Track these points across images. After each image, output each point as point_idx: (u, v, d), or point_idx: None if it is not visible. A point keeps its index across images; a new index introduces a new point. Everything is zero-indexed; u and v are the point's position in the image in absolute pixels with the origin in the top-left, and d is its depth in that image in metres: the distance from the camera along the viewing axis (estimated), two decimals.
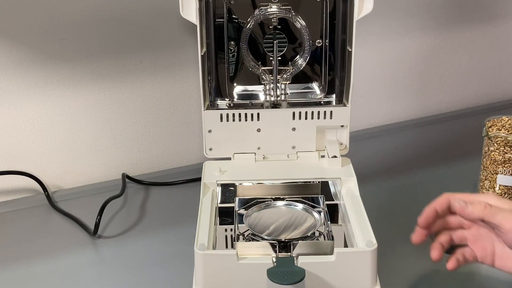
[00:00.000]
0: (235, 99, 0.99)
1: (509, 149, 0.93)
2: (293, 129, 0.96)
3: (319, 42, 0.97)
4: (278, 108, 0.97)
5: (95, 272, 0.89)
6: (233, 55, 0.98)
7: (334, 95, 0.99)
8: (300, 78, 0.99)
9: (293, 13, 0.95)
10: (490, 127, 0.97)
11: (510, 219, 0.70)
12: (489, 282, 0.84)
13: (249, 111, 0.95)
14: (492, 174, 0.95)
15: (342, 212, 0.87)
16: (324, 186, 0.91)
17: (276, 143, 0.96)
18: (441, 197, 0.77)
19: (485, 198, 0.74)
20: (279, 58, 0.96)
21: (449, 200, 0.76)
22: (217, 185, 0.90)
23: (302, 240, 0.77)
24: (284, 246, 0.76)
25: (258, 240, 0.77)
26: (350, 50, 0.92)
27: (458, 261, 0.76)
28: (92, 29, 1.07)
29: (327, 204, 0.86)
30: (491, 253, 0.75)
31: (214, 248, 0.79)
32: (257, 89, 0.99)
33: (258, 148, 0.97)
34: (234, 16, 0.95)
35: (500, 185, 0.95)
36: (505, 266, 0.74)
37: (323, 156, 0.96)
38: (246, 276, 0.73)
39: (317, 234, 0.79)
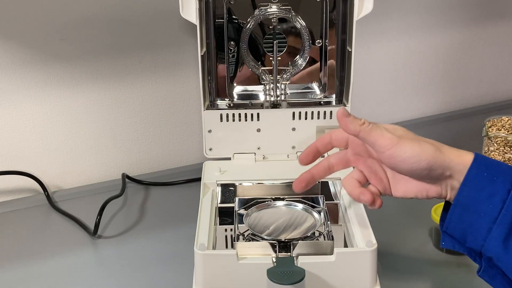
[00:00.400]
0: (235, 99, 0.99)
1: (509, 149, 0.93)
2: (293, 129, 0.96)
3: (319, 42, 0.97)
4: (278, 108, 0.97)
5: (95, 272, 0.89)
6: (233, 55, 0.98)
7: (334, 95, 0.99)
8: (300, 78, 0.99)
9: (293, 13, 0.95)
10: (490, 127, 0.97)
11: (385, 135, 0.67)
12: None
13: (249, 111, 0.95)
14: None
15: (342, 212, 0.87)
16: (324, 186, 0.91)
17: (276, 143, 0.97)
18: (324, 134, 0.76)
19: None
20: (279, 58, 0.96)
21: (330, 135, 0.76)
22: (217, 185, 0.90)
23: (302, 240, 0.77)
24: (284, 246, 0.76)
25: (258, 240, 0.77)
26: (350, 50, 0.92)
27: (372, 194, 0.72)
28: (92, 29, 1.07)
29: (327, 204, 0.86)
30: (387, 183, 0.73)
31: (214, 248, 0.79)
32: (257, 89, 0.99)
33: (258, 148, 0.97)
34: (234, 16, 0.95)
35: None
36: (399, 191, 0.72)
37: (323, 156, 0.96)
38: (246, 276, 0.73)
39: (317, 234, 0.79)
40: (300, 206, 0.85)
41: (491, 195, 0.64)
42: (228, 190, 0.91)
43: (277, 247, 0.76)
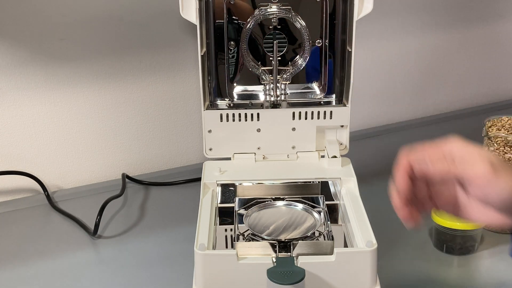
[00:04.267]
0: (235, 99, 0.99)
1: (509, 149, 0.93)
2: (293, 129, 0.96)
3: (319, 42, 0.97)
4: (278, 108, 0.97)
5: (95, 272, 0.89)
6: (233, 55, 0.98)
7: (334, 95, 0.99)
8: (300, 78, 0.99)
9: (293, 13, 0.95)
10: (490, 127, 0.97)
11: (478, 167, 0.61)
12: (489, 282, 0.84)
13: (249, 111, 0.95)
14: None
15: (342, 212, 0.87)
16: (324, 186, 0.91)
17: (276, 143, 0.96)
18: (402, 162, 0.66)
19: (446, 146, 0.65)
20: (279, 58, 0.96)
21: (409, 163, 0.65)
22: (217, 185, 0.90)
23: (302, 240, 0.77)
24: (284, 246, 0.76)
25: (258, 240, 0.77)
26: (350, 50, 0.92)
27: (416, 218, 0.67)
28: (92, 29, 1.07)
29: (327, 204, 0.86)
30: (453, 205, 0.66)
31: (214, 248, 0.79)
32: (257, 89, 0.99)
33: (258, 148, 0.97)
34: (234, 16, 0.95)
35: None
36: (472, 216, 0.65)
37: (323, 156, 0.96)
38: (246, 276, 0.73)
39: (317, 234, 0.79)
40: (300, 206, 0.85)
41: None
42: (228, 190, 0.91)
43: (277, 247, 0.76)
